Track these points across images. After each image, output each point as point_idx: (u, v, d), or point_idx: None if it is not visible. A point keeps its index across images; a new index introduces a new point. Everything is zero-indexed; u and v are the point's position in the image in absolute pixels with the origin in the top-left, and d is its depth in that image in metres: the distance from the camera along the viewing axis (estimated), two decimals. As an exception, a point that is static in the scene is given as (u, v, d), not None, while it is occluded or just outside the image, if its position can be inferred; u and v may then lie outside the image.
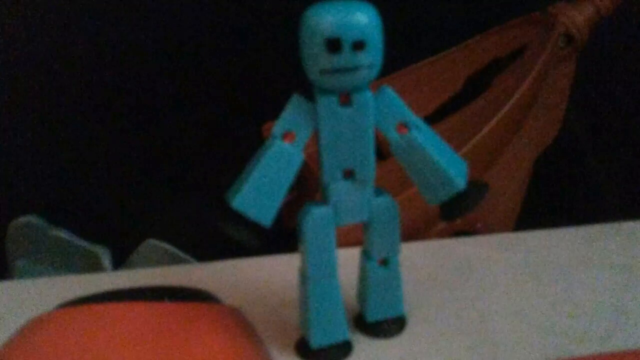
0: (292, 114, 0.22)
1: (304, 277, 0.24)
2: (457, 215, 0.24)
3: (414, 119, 0.22)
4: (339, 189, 0.23)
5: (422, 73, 0.43)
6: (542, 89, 0.41)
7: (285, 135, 0.22)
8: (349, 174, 0.23)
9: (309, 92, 0.22)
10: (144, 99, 0.45)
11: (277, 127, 0.22)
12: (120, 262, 0.42)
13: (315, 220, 0.23)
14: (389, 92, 0.22)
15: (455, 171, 0.23)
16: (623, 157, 0.49)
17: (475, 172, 0.24)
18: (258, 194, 0.22)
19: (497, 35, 0.43)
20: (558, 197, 0.48)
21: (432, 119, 0.42)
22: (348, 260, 0.26)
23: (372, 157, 0.23)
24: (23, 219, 0.43)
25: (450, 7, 0.44)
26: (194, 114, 0.45)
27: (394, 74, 0.42)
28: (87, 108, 0.44)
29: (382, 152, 0.38)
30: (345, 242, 0.26)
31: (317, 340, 0.24)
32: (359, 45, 0.20)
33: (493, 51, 0.43)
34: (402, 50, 0.22)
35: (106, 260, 0.42)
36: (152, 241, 0.42)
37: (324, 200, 0.23)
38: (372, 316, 0.26)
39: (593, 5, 0.41)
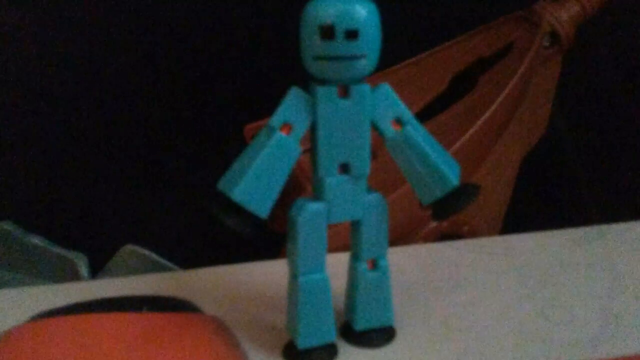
0: (291, 106, 0.22)
1: (293, 275, 0.24)
2: (448, 214, 0.24)
3: (409, 116, 0.23)
4: (334, 183, 0.23)
5: (407, 72, 0.43)
6: (528, 89, 0.41)
7: (283, 127, 0.22)
8: (344, 169, 0.23)
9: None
10: (121, 103, 0.44)
11: (275, 118, 0.22)
12: (98, 268, 0.42)
13: (309, 216, 0.23)
14: (386, 88, 0.23)
15: (449, 169, 0.23)
16: (607, 158, 0.49)
17: (463, 174, 0.24)
18: (257, 186, 0.22)
19: (482, 34, 0.43)
20: (543, 199, 0.48)
21: (417, 119, 0.42)
22: (335, 268, 0.25)
23: (367, 151, 0.23)
24: (-4, 226, 0.42)
25: (435, 6, 0.44)
26: (174, 116, 0.45)
27: (379, 72, 0.42)
28: (62, 112, 0.44)
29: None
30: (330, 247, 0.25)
31: (305, 340, 0.24)
32: (352, 34, 0.20)
33: (478, 50, 0.43)
34: (386, 49, 0.22)
35: (83, 267, 0.41)
36: (131, 247, 0.41)
37: (318, 196, 0.23)
38: (360, 324, 0.25)
39: (578, 3, 0.41)
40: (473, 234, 0.38)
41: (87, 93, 0.44)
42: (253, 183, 0.22)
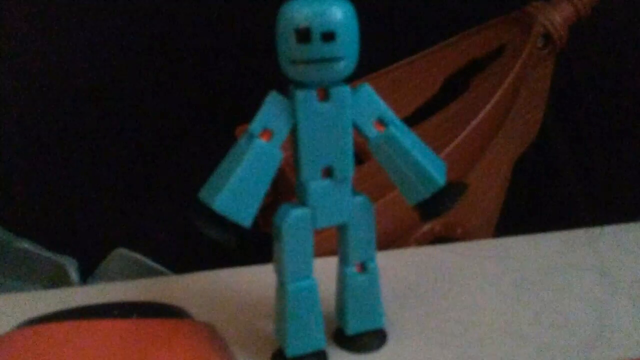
0: (270, 111, 0.22)
1: (280, 282, 0.24)
2: (437, 214, 0.23)
3: (392, 116, 0.23)
4: (317, 188, 0.22)
5: (399, 74, 0.43)
6: (521, 90, 0.41)
7: (263, 134, 0.22)
8: (327, 173, 0.22)
9: (283, 92, 0.22)
10: (111, 107, 0.44)
11: (255, 125, 0.22)
12: (88, 273, 0.41)
13: (294, 222, 0.23)
14: (367, 88, 0.22)
15: (435, 168, 0.23)
16: (601, 160, 0.49)
17: (456, 176, 0.24)
18: (238, 195, 0.21)
19: (475, 35, 0.43)
20: (536, 201, 0.48)
21: (410, 121, 0.42)
22: (327, 271, 0.25)
23: (350, 154, 0.22)
24: (-15, 230, 0.42)
25: (428, 7, 0.44)
26: (164, 117, 0.45)
27: (371, 74, 0.42)
28: (51, 116, 0.43)
29: (359, 156, 0.37)
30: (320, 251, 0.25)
31: (293, 348, 0.24)
32: (328, 36, 0.20)
33: (471, 52, 0.43)
34: (379, 51, 0.21)
35: (73, 271, 0.41)
36: (122, 250, 0.41)
37: (302, 202, 0.23)
38: (351, 328, 0.25)
39: (571, 5, 0.41)
40: (466, 236, 0.38)
41: (77, 97, 0.44)
42: (235, 192, 0.21)
